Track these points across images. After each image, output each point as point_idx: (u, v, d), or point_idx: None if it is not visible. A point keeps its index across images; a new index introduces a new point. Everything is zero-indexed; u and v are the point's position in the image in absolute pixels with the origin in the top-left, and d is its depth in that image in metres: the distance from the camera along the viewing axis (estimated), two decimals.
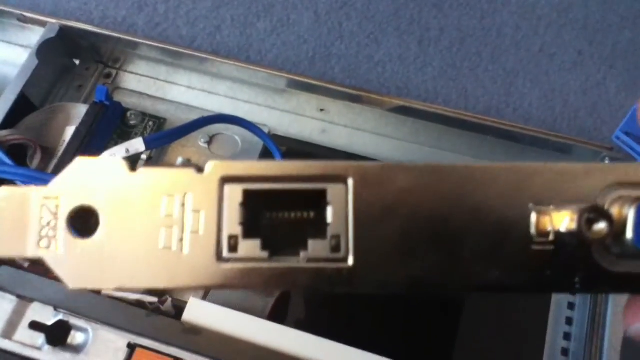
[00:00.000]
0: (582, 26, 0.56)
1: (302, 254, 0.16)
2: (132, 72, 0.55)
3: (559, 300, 0.44)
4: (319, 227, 0.16)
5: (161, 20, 0.59)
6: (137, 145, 0.43)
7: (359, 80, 0.56)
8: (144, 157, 0.49)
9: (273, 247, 0.16)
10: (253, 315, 0.39)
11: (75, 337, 0.39)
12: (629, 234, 0.15)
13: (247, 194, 0.16)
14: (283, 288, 0.17)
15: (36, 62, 0.50)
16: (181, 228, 0.16)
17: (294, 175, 0.16)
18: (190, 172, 0.16)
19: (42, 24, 0.52)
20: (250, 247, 0.16)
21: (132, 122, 0.52)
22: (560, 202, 0.15)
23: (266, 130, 0.51)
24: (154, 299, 0.40)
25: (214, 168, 0.16)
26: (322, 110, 0.53)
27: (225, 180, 0.16)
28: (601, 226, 0.15)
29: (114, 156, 0.43)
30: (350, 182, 0.16)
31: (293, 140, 0.52)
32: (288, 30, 0.58)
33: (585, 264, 0.15)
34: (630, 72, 0.53)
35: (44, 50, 0.51)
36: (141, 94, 0.54)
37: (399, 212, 0.15)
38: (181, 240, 0.16)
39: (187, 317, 0.39)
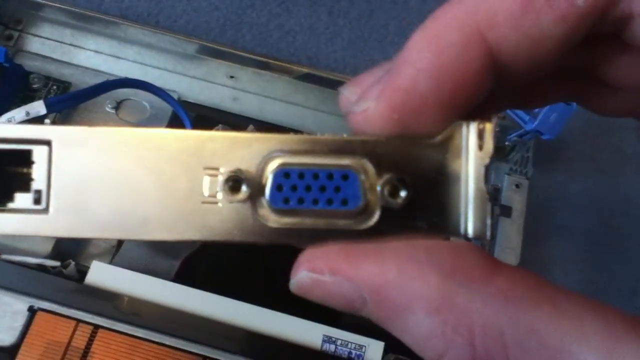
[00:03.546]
0: None
1: (10, 205, 0.18)
2: (35, 35, 0.53)
3: None
4: (28, 182, 0.18)
5: None
6: (37, 107, 0.42)
7: (270, 49, 0.56)
8: (47, 121, 0.48)
9: None
10: (158, 278, 0.40)
11: None
12: (267, 195, 0.18)
13: None
14: None
15: None
16: None
17: (5, 137, 0.18)
18: None
19: None
20: None
21: (35, 86, 0.50)
22: (228, 166, 0.18)
23: (175, 97, 0.51)
24: (56, 263, 0.40)
25: None
26: (232, 77, 0.53)
27: None
28: (242, 189, 0.18)
29: (13, 120, 0.42)
30: (53, 144, 0.18)
31: (203, 107, 0.52)
32: None
33: (244, 220, 0.18)
34: None
35: None
36: (45, 57, 0.53)
37: (92, 170, 0.18)
38: None
39: (90, 279, 0.39)
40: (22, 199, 0.18)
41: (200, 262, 0.44)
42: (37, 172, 0.18)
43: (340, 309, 0.17)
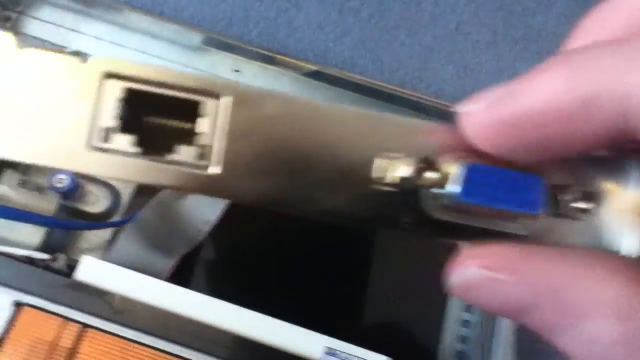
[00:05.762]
0: (497, 7, 0.57)
1: (171, 156, 0.17)
2: (34, 17, 0.51)
3: None
4: (192, 136, 0.17)
5: None
6: None
7: (276, 44, 0.54)
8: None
9: (147, 146, 0.17)
10: (152, 277, 0.38)
11: None
12: (456, 187, 0.17)
13: (126, 92, 0.17)
14: (147, 183, 0.17)
15: None
16: (58, 112, 0.17)
17: (175, 84, 0.17)
18: (74, 60, 0.17)
19: None
20: (122, 141, 0.17)
21: None
22: (401, 151, 0.18)
23: None
24: (45, 256, 0.38)
25: (97, 61, 0.17)
26: (237, 71, 0.51)
27: (108, 75, 0.17)
28: (429, 175, 0.17)
29: None
30: (225, 99, 0.17)
31: None
32: None
33: (413, 207, 0.18)
34: (541, 54, 0.55)
35: None
36: (44, 41, 0.51)
37: (264, 134, 0.17)
38: (55, 123, 0.17)
39: (80, 275, 0.37)
40: (185, 152, 0.17)
41: (196, 262, 0.42)
42: (204, 126, 0.17)
43: (501, 314, 0.16)
